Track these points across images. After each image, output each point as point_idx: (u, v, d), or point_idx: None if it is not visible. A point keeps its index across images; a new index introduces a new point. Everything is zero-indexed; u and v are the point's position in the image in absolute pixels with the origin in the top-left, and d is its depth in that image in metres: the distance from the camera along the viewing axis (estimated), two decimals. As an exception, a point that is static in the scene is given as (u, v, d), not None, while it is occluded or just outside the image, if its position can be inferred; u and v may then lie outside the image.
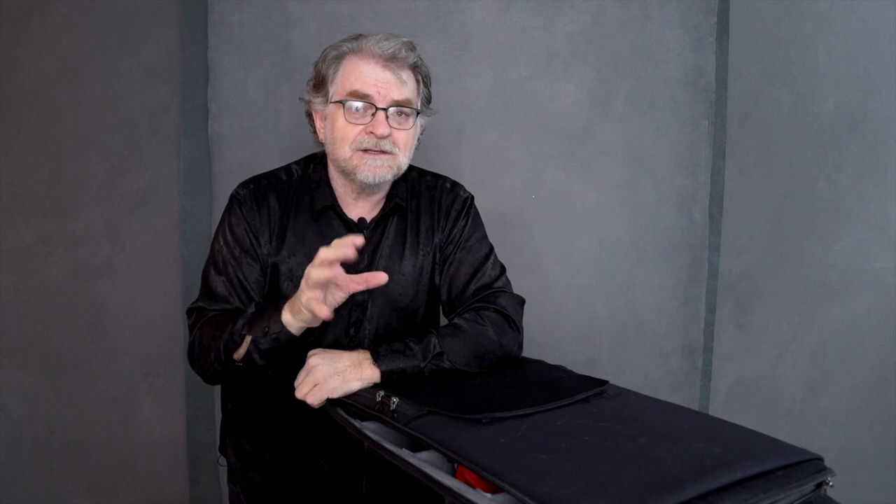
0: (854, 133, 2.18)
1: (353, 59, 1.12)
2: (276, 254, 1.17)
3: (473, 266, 1.25)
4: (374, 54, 1.11)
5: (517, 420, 0.84)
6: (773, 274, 2.14)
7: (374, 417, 0.95)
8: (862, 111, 2.18)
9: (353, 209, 1.21)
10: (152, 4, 1.73)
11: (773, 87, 2.06)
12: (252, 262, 1.16)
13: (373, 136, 1.11)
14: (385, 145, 1.12)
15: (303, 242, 1.18)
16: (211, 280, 1.17)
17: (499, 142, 1.85)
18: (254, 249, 1.16)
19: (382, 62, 1.11)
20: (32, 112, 1.73)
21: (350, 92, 1.11)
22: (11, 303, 1.77)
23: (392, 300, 1.23)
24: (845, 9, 2.11)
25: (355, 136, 1.12)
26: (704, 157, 1.94)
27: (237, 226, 1.17)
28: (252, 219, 1.17)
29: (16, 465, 1.81)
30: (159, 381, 1.84)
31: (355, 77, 1.11)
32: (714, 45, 1.91)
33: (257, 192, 1.19)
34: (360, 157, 1.12)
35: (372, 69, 1.11)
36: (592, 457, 0.74)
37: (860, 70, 2.16)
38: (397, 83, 1.12)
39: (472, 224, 1.29)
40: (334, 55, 1.14)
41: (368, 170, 1.12)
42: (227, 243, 1.17)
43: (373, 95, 1.11)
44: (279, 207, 1.18)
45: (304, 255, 1.16)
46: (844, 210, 2.19)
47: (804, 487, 0.73)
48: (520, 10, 1.82)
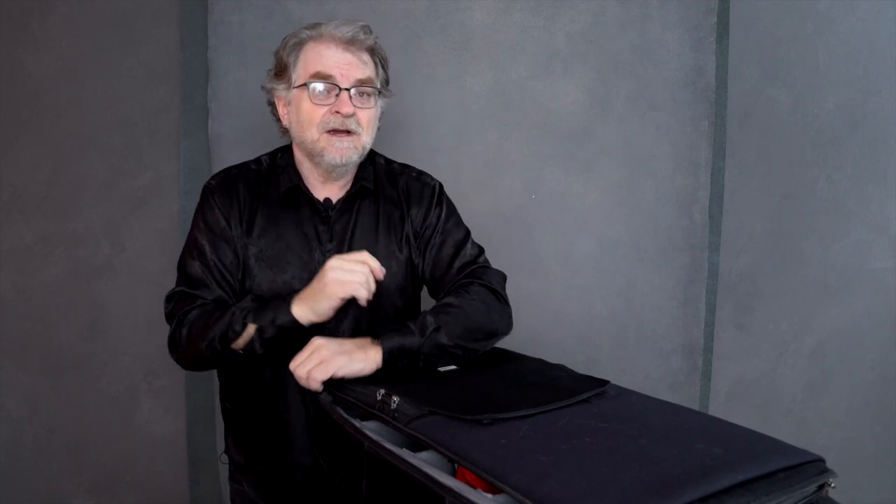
0: (854, 133, 2.18)
1: (314, 45, 1.17)
2: (247, 237, 1.20)
3: (455, 246, 1.29)
4: (334, 38, 1.15)
5: (518, 421, 0.84)
6: (773, 274, 2.14)
7: (374, 417, 0.95)
8: (862, 111, 2.18)
9: (321, 192, 1.24)
10: (152, 4, 1.73)
11: (773, 87, 2.06)
12: (226, 246, 1.19)
13: (338, 116, 1.15)
14: (350, 124, 1.16)
15: (274, 224, 1.21)
16: (188, 266, 1.20)
17: (499, 142, 1.85)
18: (227, 233, 1.20)
19: (343, 45, 1.16)
20: (32, 112, 1.73)
21: (313, 74, 1.15)
22: (11, 303, 1.77)
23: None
24: (845, 9, 2.11)
25: (321, 118, 1.15)
26: (704, 157, 1.94)
27: (209, 213, 1.21)
28: (223, 205, 1.20)
29: (16, 465, 1.81)
30: (159, 381, 1.84)
31: (318, 60, 1.15)
32: (714, 45, 1.91)
33: (227, 181, 1.23)
34: (328, 139, 1.16)
35: (333, 52, 1.15)
36: (593, 458, 0.74)
37: (860, 70, 2.16)
38: (358, 64, 1.16)
39: (447, 210, 1.32)
40: (294, 42, 1.18)
41: (336, 151, 1.16)
42: (201, 230, 1.21)
43: (335, 76, 1.15)
44: (248, 194, 1.22)
45: (274, 236, 1.20)
46: (844, 210, 2.19)
47: (806, 489, 0.72)
48: (520, 10, 1.82)
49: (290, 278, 1.19)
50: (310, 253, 1.21)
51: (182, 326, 1.16)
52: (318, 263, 1.17)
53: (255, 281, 1.19)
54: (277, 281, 1.19)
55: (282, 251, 1.19)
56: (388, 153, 1.45)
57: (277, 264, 1.19)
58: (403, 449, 0.85)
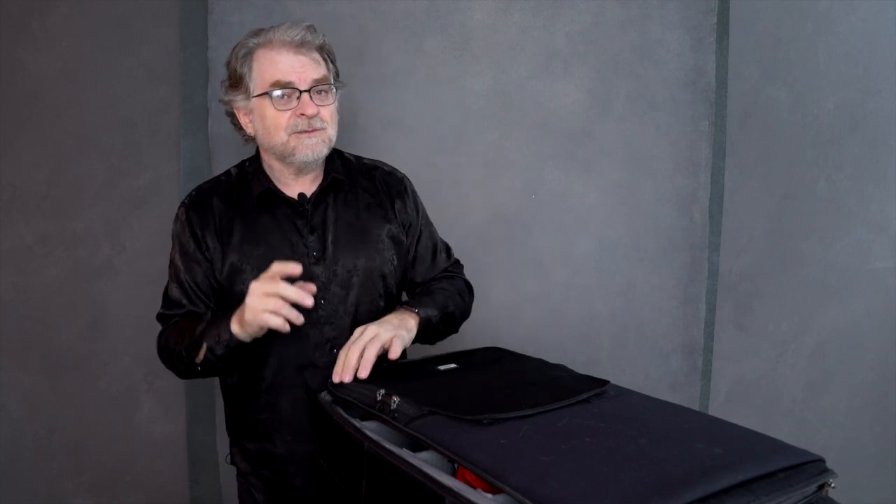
0: (854, 133, 2.18)
1: (265, 52, 1.19)
2: (227, 245, 1.24)
3: (431, 238, 1.39)
4: (284, 43, 1.19)
5: (518, 421, 0.84)
6: (773, 274, 2.14)
7: (374, 417, 0.95)
8: (862, 111, 2.18)
9: (293, 189, 1.27)
10: (152, 4, 1.73)
11: (773, 87, 2.06)
12: (196, 266, 1.25)
13: (304, 118, 1.18)
14: (315, 123, 1.19)
15: (252, 228, 1.24)
16: (168, 288, 1.29)
17: (499, 142, 1.85)
18: (197, 253, 1.24)
19: (294, 48, 1.19)
20: (32, 112, 1.73)
21: (272, 83, 1.18)
22: (11, 303, 1.77)
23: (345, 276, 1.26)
24: (845, 9, 2.11)
25: (287, 122, 1.19)
26: (704, 157, 1.94)
27: (182, 234, 1.26)
28: (195, 223, 1.24)
29: (16, 465, 1.81)
30: (159, 381, 1.84)
31: (273, 68, 1.18)
32: (714, 45, 1.91)
33: (199, 197, 1.28)
34: (297, 138, 1.19)
35: (285, 57, 1.18)
36: (593, 458, 0.74)
37: (860, 70, 2.16)
38: (312, 64, 1.20)
39: (419, 203, 1.39)
40: (244, 53, 1.21)
41: (306, 148, 1.20)
42: (176, 250, 1.27)
43: (294, 81, 1.18)
44: (222, 205, 1.26)
45: (255, 240, 1.24)
46: (844, 210, 2.19)
47: (806, 489, 0.72)
48: (520, 10, 1.82)
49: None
50: (292, 248, 1.23)
51: (161, 346, 1.26)
52: (301, 257, 1.21)
53: (246, 284, 1.17)
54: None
55: (265, 252, 1.22)
56: (389, 153, 1.45)
57: (263, 264, 1.17)
58: (403, 449, 0.85)
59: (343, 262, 1.25)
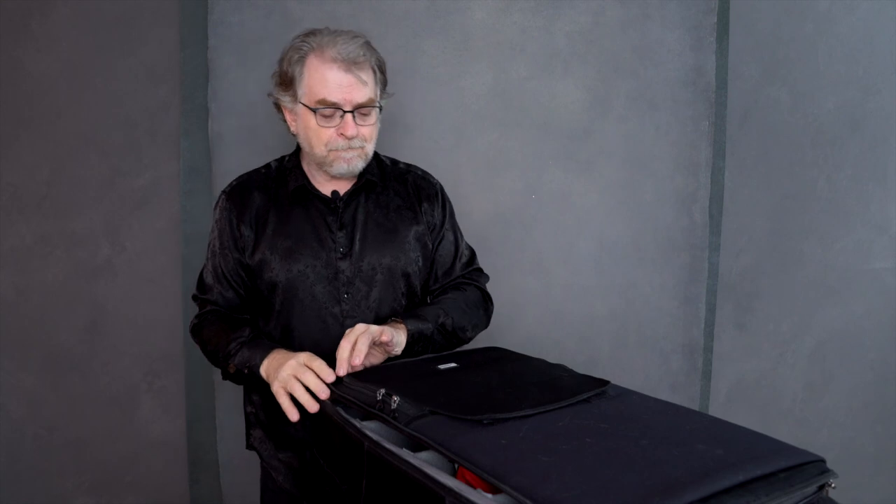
0: (854, 133, 2.18)
1: (317, 63, 1.21)
2: (261, 235, 1.29)
3: (454, 244, 1.42)
4: (335, 59, 1.19)
5: (518, 421, 0.84)
6: (773, 274, 2.14)
7: (374, 416, 0.95)
8: (862, 111, 2.18)
9: (327, 188, 1.32)
10: (152, 4, 1.73)
11: (773, 87, 2.06)
12: (229, 253, 1.30)
13: (343, 138, 1.22)
14: (355, 143, 1.24)
15: (285, 221, 1.29)
16: (203, 272, 1.35)
17: (499, 142, 1.85)
18: (232, 242, 1.30)
19: (344, 67, 1.20)
20: (32, 112, 1.73)
21: (318, 100, 1.21)
22: (11, 303, 1.77)
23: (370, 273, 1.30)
24: (845, 9, 2.11)
25: (328, 138, 1.23)
26: (704, 157, 1.94)
27: (220, 221, 1.32)
28: (232, 211, 1.30)
29: (16, 465, 1.81)
30: (159, 381, 1.84)
31: (321, 85, 1.20)
32: (714, 45, 1.91)
33: (239, 188, 1.33)
34: (335, 154, 1.24)
35: (335, 75, 1.20)
36: (594, 459, 0.74)
37: (860, 70, 2.16)
38: (359, 86, 1.21)
39: (450, 208, 1.43)
40: (297, 57, 1.22)
41: (343, 161, 1.25)
42: (214, 234, 1.33)
43: (339, 102, 1.20)
44: (260, 196, 1.31)
45: (287, 231, 1.29)
46: (844, 210, 2.19)
47: (806, 490, 0.72)
48: (520, 10, 1.82)
49: (304, 267, 1.27)
50: (321, 243, 1.28)
51: (198, 331, 1.32)
52: (329, 252, 1.27)
53: (274, 272, 1.27)
54: (293, 270, 1.27)
55: (295, 243, 1.27)
56: (388, 153, 1.45)
57: (292, 255, 1.27)
58: (403, 449, 0.85)
59: (369, 259, 1.29)
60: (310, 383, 1.06)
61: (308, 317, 1.27)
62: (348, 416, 0.98)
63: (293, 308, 1.27)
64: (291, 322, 1.28)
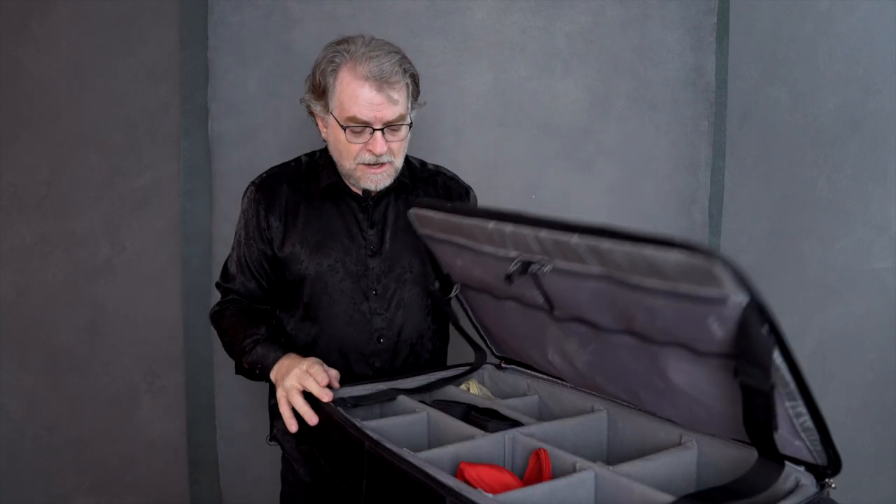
0: (854, 133, 2.18)
1: (349, 78, 1.19)
2: (293, 228, 1.29)
3: None
4: (366, 77, 1.18)
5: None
6: (773, 274, 2.14)
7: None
8: (862, 111, 2.18)
9: (356, 186, 1.31)
10: (152, 4, 1.73)
11: (773, 87, 2.05)
12: (254, 244, 1.30)
13: (372, 154, 1.22)
14: (383, 158, 1.23)
15: (316, 215, 1.30)
16: (228, 259, 1.36)
17: (499, 142, 1.85)
18: (257, 233, 1.30)
19: (376, 86, 1.18)
20: (32, 112, 1.73)
21: (349, 117, 1.20)
22: (11, 303, 1.77)
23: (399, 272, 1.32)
24: (845, 9, 2.11)
25: (357, 153, 1.22)
26: (704, 157, 1.94)
27: (247, 211, 1.32)
28: (261, 203, 1.30)
29: (16, 465, 1.81)
30: (159, 381, 1.84)
31: (352, 102, 1.19)
32: (714, 45, 1.91)
33: (269, 180, 1.33)
34: (363, 169, 1.24)
35: (366, 93, 1.18)
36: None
37: (860, 70, 2.16)
38: (390, 104, 1.20)
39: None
40: (331, 69, 1.21)
41: (371, 180, 1.25)
42: (241, 224, 1.34)
43: (370, 120, 1.20)
44: (290, 190, 1.31)
45: (317, 226, 1.30)
46: (844, 210, 2.19)
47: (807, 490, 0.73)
48: (520, 10, 1.82)
49: (335, 262, 1.28)
50: (351, 239, 1.30)
51: (218, 320, 1.33)
52: (359, 248, 1.29)
53: (303, 266, 1.28)
54: (323, 265, 1.28)
55: (325, 238, 1.29)
56: (389, 153, 1.45)
57: (321, 250, 1.28)
58: (404, 449, 0.85)
59: (398, 258, 1.31)
60: (311, 389, 1.07)
61: (336, 311, 1.28)
62: (348, 416, 0.98)
63: (321, 302, 1.28)
64: (319, 316, 1.29)
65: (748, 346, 0.67)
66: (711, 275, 0.66)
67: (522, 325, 1.07)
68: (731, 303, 0.66)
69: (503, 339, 1.21)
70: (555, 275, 0.87)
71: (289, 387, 1.09)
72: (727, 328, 0.69)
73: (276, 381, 1.15)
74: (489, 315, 1.19)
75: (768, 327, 0.66)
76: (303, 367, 1.10)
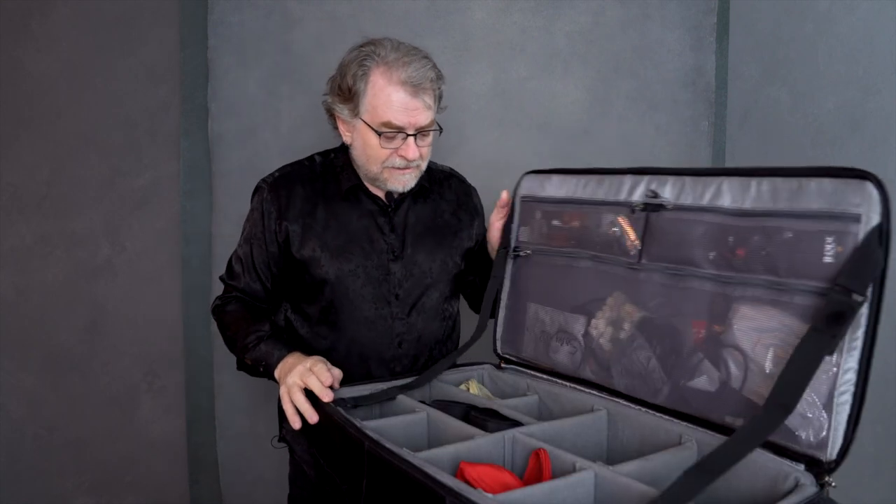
0: (854, 133, 2.18)
1: (382, 82, 1.17)
2: (309, 230, 1.27)
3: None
4: (403, 82, 1.17)
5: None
6: (773, 274, 2.13)
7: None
8: (862, 111, 2.18)
9: (379, 190, 1.31)
10: (152, 4, 1.73)
11: (773, 87, 2.05)
12: (264, 247, 1.28)
13: (403, 159, 1.21)
14: (413, 163, 1.23)
15: (335, 218, 1.28)
16: (233, 259, 1.33)
17: (499, 142, 1.85)
18: (270, 235, 1.27)
19: (411, 90, 1.17)
20: (32, 112, 1.73)
21: (383, 123, 1.18)
22: (11, 303, 1.77)
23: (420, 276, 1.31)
24: (845, 9, 2.11)
25: (387, 157, 1.21)
26: (704, 157, 1.94)
27: (255, 211, 1.29)
28: (273, 203, 1.26)
29: (16, 465, 1.81)
30: (159, 381, 1.84)
31: (387, 108, 1.17)
32: (714, 45, 1.91)
33: (283, 179, 1.29)
34: (391, 172, 1.23)
35: (401, 99, 1.17)
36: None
37: (860, 70, 2.16)
38: (423, 109, 1.20)
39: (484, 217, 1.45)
40: (361, 73, 1.19)
41: (398, 182, 1.24)
42: (248, 222, 1.31)
43: (404, 126, 1.19)
44: (305, 190, 1.28)
45: (337, 229, 1.28)
46: (844, 210, 2.19)
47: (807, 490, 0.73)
48: (520, 10, 1.82)
49: (356, 267, 1.27)
50: (372, 243, 1.28)
51: (220, 314, 1.30)
52: (380, 253, 1.28)
53: (324, 270, 1.26)
54: (344, 269, 1.26)
55: (346, 242, 1.27)
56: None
57: (342, 254, 1.26)
58: (403, 449, 0.85)
59: (420, 262, 1.31)
60: (313, 387, 1.06)
61: (357, 316, 1.27)
62: (348, 416, 0.98)
63: (342, 307, 1.27)
64: (339, 321, 1.27)
65: (858, 264, 0.71)
66: (862, 191, 0.72)
67: (583, 287, 1.11)
68: (863, 220, 0.72)
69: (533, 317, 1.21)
70: (674, 212, 0.95)
71: (291, 384, 1.09)
72: (844, 248, 0.74)
73: (280, 379, 1.14)
74: (542, 281, 1.20)
75: (883, 252, 0.70)
76: (307, 364, 1.10)
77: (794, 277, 0.79)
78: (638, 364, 0.99)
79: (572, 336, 1.11)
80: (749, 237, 0.85)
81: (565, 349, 1.12)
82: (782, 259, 0.80)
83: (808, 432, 0.76)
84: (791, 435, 0.77)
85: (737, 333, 0.86)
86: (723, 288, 0.88)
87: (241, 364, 1.27)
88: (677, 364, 0.93)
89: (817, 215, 0.76)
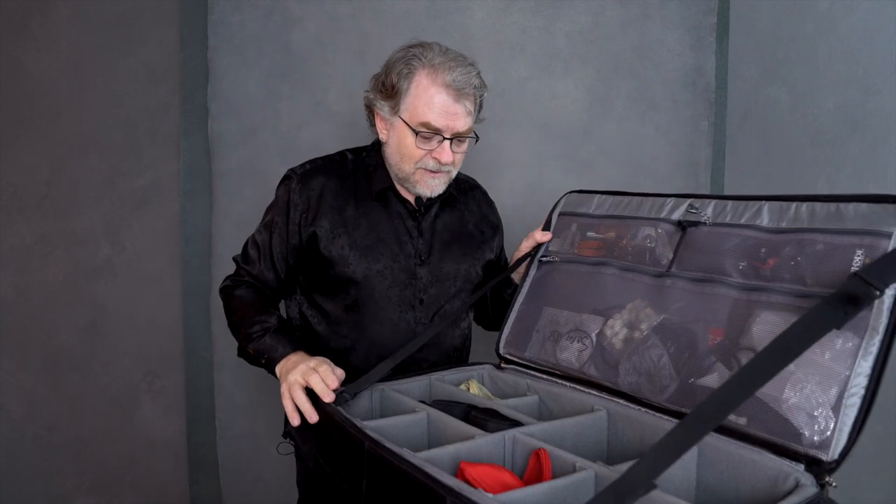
0: (854, 133, 2.18)
1: (427, 83, 1.18)
2: (339, 227, 1.26)
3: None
4: (447, 84, 1.17)
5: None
6: (773, 274, 2.13)
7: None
8: (862, 111, 2.18)
9: (410, 194, 1.32)
10: (152, 4, 1.73)
11: (773, 87, 2.06)
12: (280, 236, 1.27)
13: (437, 161, 1.22)
14: (445, 168, 1.24)
15: (366, 217, 1.28)
16: (249, 243, 1.32)
17: (499, 142, 1.85)
18: (293, 227, 1.26)
19: (455, 95, 1.18)
20: (32, 112, 1.73)
21: (422, 122, 1.19)
22: (11, 303, 1.77)
23: (445, 282, 1.32)
24: (845, 9, 2.11)
25: (421, 158, 1.22)
26: (704, 157, 1.95)
27: (280, 199, 1.28)
28: (301, 195, 1.26)
29: (16, 465, 1.81)
30: (159, 381, 1.84)
31: (428, 108, 1.18)
32: (714, 45, 1.91)
33: (314, 172, 1.28)
34: (422, 174, 1.24)
35: (444, 100, 1.18)
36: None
37: (860, 70, 2.16)
38: (463, 115, 1.20)
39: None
40: (406, 71, 1.19)
41: (427, 187, 1.25)
42: (271, 210, 1.30)
43: (441, 128, 1.19)
44: (335, 185, 1.28)
45: (367, 228, 1.28)
46: (844, 210, 2.19)
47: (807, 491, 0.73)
48: (520, 10, 1.82)
49: (383, 268, 1.27)
50: (401, 246, 1.29)
51: (228, 296, 1.29)
52: (408, 256, 1.28)
53: (351, 268, 1.25)
54: (372, 269, 1.26)
55: (375, 242, 1.27)
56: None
57: (371, 254, 1.26)
58: (403, 449, 0.85)
59: (446, 268, 1.32)
60: (316, 386, 1.06)
61: (382, 318, 1.27)
62: (348, 416, 0.98)
63: (367, 307, 1.27)
64: (363, 321, 1.27)
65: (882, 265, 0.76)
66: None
67: (606, 292, 1.13)
68: (894, 236, 0.78)
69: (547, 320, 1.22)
70: (712, 227, 1.00)
71: (292, 381, 1.08)
72: (870, 257, 0.79)
73: (281, 376, 1.14)
74: (564, 287, 1.22)
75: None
76: (310, 364, 1.09)
77: (820, 286, 0.82)
78: (648, 361, 0.99)
79: (585, 334, 1.12)
80: (781, 249, 0.89)
81: (575, 347, 1.12)
82: (811, 268, 0.84)
83: (813, 431, 0.76)
84: (794, 433, 0.77)
85: (754, 337, 0.86)
86: (747, 295, 0.91)
87: (241, 351, 1.26)
88: (689, 363, 0.93)
89: (851, 232, 0.82)
